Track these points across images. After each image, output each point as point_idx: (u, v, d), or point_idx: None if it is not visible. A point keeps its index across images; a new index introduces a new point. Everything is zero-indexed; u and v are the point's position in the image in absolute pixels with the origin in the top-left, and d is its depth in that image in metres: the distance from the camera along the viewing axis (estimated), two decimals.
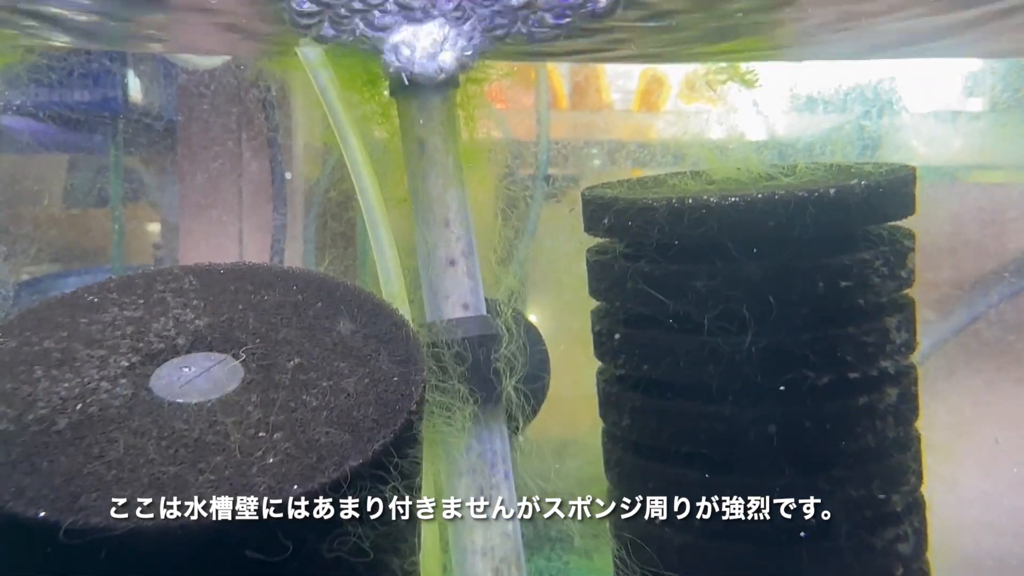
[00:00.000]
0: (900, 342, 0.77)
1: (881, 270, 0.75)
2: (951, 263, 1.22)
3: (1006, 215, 1.22)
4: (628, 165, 1.48)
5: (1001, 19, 0.85)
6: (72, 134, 1.45)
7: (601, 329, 0.87)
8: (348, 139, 1.01)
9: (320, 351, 0.64)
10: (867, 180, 0.75)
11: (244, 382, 0.61)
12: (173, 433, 0.55)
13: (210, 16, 0.82)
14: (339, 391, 0.60)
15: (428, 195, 0.96)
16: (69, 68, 1.25)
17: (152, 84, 1.38)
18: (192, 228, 1.45)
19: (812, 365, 0.74)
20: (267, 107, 1.35)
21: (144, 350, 0.62)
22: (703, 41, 0.99)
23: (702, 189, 0.82)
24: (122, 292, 0.67)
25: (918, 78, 1.40)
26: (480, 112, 1.09)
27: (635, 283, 0.80)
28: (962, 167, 1.43)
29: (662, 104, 1.69)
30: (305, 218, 1.48)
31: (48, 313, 0.64)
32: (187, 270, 0.70)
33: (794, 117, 1.40)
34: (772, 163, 0.89)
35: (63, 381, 0.58)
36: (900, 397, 0.77)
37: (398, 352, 0.65)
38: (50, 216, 1.48)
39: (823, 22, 0.94)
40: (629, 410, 0.84)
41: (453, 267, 0.97)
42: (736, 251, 0.75)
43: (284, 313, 0.67)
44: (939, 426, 0.84)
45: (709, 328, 0.76)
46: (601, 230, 0.85)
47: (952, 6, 0.80)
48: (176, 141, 1.41)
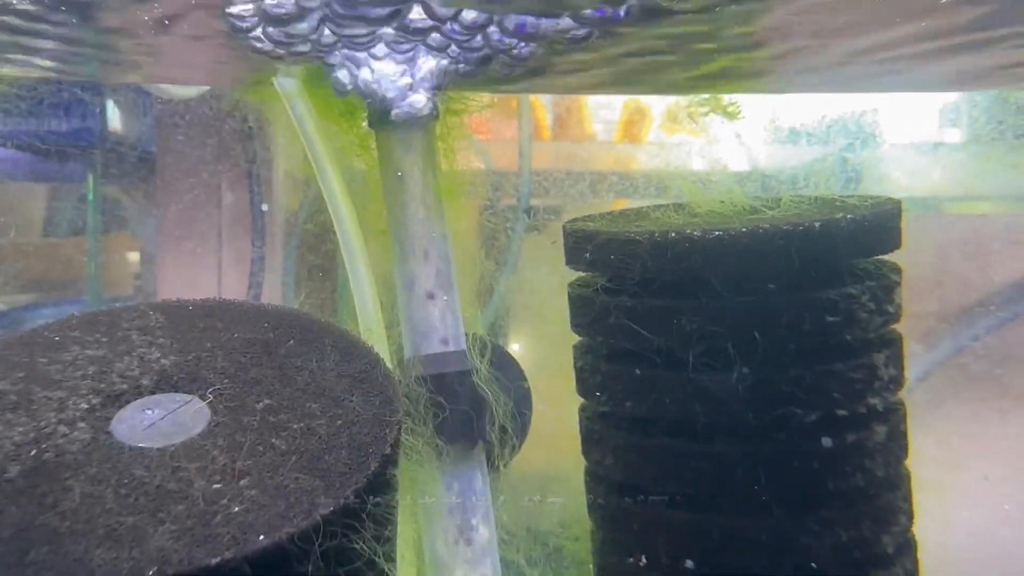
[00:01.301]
0: (888, 378, 0.75)
1: (868, 305, 0.74)
2: (937, 295, 1.21)
3: (991, 246, 1.21)
4: (611, 196, 1.47)
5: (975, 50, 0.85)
6: (51, 164, 1.42)
7: (583, 365, 0.85)
8: (326, 170, 0.99)
9: (291, 391, 0.62)
10: (853, 214, 0.74)
11: (210, 425, 0.58)
12: (133, 480, 0.53)
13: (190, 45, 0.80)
14: (310, 434, 0.58)
15: (407, 227, 0.94)
16: (40, 97, 1.23)
17: (128, 114, 1.36)
18: (169, 260, 1.42)
19: (799, 402, 0.72)
20: (245, 137, 1.33)
21: (106, 391, 0.60)
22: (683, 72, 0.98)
23: (685, 222, 0.81)
24: (84, 330, 0.65)
25: (895, 110, 1.40)
26: (462, 143, 1.08)
27: (618, 318, 0.78)
28: (945, 198, 1.43)
29: (644, 135, 1.69)
30: (284, 250, 1.46)
31: (5, 352, 0.61)
32: (154, 307, 0.68)
33: (775, 148, 1.40)
34: (755, 195, 0.88)
35: (17, 425, 0.56)
36: (889, 435, 0.75)
37: (373, 392, 0.63)
38: (24, 246, 1.46)
39: (797, 66, 0.93)
40: (612, 448, 0.81)
41: (432, 301, 0.95)
42: (720, 286, 0.73)
43: (254, 351, 0.65)
44: (927, 460, 0.82)
45: (694, 364, 0.74)
46: (583, 263, 0.83)
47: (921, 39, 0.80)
48: (153, 171, 1.39)
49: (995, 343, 1.23)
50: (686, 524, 0.76)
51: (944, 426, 1.21)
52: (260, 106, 1.29)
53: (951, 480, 0.95)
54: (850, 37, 0.80)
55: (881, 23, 0.76)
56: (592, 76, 0.99)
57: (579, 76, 0.99)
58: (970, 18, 0.72)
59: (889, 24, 0.74)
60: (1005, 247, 1.21)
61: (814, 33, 0.80)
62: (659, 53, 0.86)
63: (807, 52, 0.87)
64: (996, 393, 1.32)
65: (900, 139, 1.44)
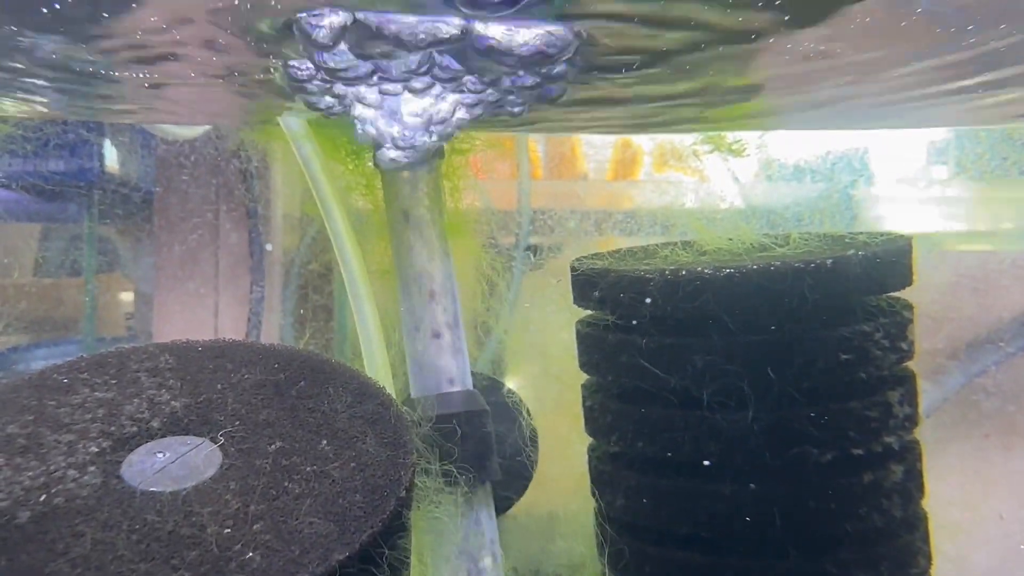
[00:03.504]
0: (903, 416, 0.75)
1: (882, 342, 0.73)
2: (945, 332, 1.21)
3: (999, 282, 1.22)
4: (615, 234, 1.47)
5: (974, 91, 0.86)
6: (46, 204, 1.42)
7: (593, 404, 0.84)
8: (331, 210, 0.99)
9: (303, 433, 0.61)
10: (864, 250, 0.74)
11: (222, 468, 0.57)
12: (145, 526, 0.52)
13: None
14: (324, 477, 0.57)
15: (413, 267, 0.94)
16: (45, 139, 1.23)
17: (130, 154, 1.36)
18: (167, 300, 1.41)
19: (815, 441, 0.72)
20: (248, 177, 1.33)
21: (115, 434, 0.59)
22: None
23: (695, 260, 0.81)
24: (94, 372, 0.64)
25: (884, 146, 1.41)
26: (464, 182, 1.08)
27: (629, 357, 0.78)
28: (944, 234, 1.43)
29: (636, 173, 1.70)
30: (283, 289, 1.45)
31: (13, 396, 0.60)
32: (163, 348, 0.67)
33: (772, 185, 1.40)
34: (764, 233, 0.88)
35: (27, 470, 0.54)
36: (906, 474, 0.74)
37: (386, 434, 0.62)
38: (21, 286, 1.45)
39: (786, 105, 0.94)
40: (624, 489, 0.80)
41: (438, 340, 0.95)
42: (733, 324, 0.73)
43: (265, 393, 0.64)
44: (938, 499, 0.81)
45: (707, 403, 0.73)
46: (592, 302, 0.83)
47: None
48: (153, 212, 1.39)
49: (1003, 379, 1.23)
50: (701, 567, 0.75)
51: (951, 463, 1.20)
52: (264, 146, 1.30)
53: (965, 519, 0.94)
54: (853, 78, 0.81)
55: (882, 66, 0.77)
56: (603, 119, 1.00)
57: (588, 117, 0.99)
58: (977, 53, 0.73)
59: (897, 64, 0.75)
60: (1013, 283, 1.21)
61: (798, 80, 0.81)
62: (669, 99, 0.87)
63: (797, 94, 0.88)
64: (1002, 429, 1.31)
65: (891, 175, 1.45)
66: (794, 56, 0.71)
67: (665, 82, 0.79)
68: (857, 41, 0.68)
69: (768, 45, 0.67)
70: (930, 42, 0.68)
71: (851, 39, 0.67)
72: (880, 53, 0.72)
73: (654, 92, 0.84)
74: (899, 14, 0.62)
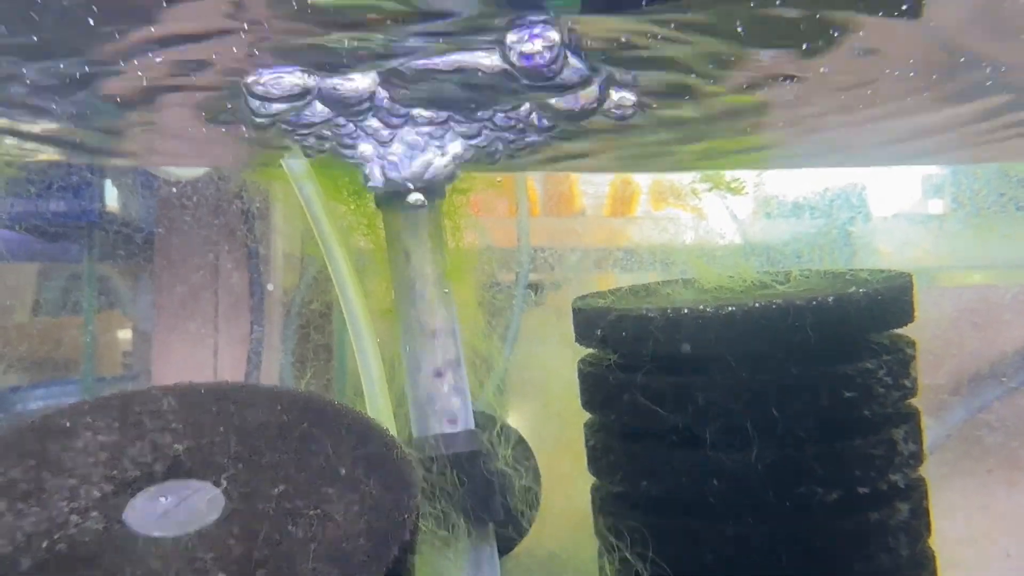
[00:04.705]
0: (908, 454, 0.74)
1: (885, 379, 0.73)
2: (947, 368, 1.21)
3: (1001, 317, 1.22)
4: (615, 271, 1.48)
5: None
6: (48, 244, 1.42)
7: (596, 443, 0.84)
8: (333, 250, 0.99)
9: (307, 476, 0.60)
10: (866, 288, 0.74)
11: (225, 512, 0.57)
12: (148, 572, 0.51)
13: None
14: (327, 520, 0.57)
15: (415, 306, 0.94)
16: (48, 181, 1.24)
17: (132, 195, 1.37)
18: (168, 340, 1.41)
19: (820, 480, 0.71)
20: (249, 218, 1.34)
21: (118, 478, 0.58)
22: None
23: (697, 298, 0.81)
24: (96, 415, 0.64)
25: (880, 180, 1.42)
26: (464, 222, 1.08)
27: (632, 396, 0.78)
28: (940, 268, 1.44)
29: (633, 209, 1.70)
30: (284, 329, 1.45)
31: (16, 440, 0.60)
32: (166, 390, 0.67)
33: (770, 222, 1.41)
34: (764, 270, 0.88)
35: (29, 515, 0.54)
36: (912, 512, 0.73)
37: (389, 476, 0.61)
38: (19, 326, 1.44)
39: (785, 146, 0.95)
40: (629, 531, 0.80)
41: (440, 379, 0.95)
42: (736, 362, 0.73)
43: (268, 435, 0.64)
44: (943, 535, 0.81)
45: (711, 442, 0.73)
46: (594, 341, 0.83)
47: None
48: (154, 252, 1.39)
49: (1006, 413, 1.23)
50: None
51: (956, 500, 1.20)
52: (265, 186, 1.30)
53: (971, 556, 0.93)
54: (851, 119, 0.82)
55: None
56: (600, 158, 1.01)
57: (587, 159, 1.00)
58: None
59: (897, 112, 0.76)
60: (1014, 317, 1.22)
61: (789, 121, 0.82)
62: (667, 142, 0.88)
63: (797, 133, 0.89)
64: (1005, 464, 1.30)
65: (887, 210, 1.46)
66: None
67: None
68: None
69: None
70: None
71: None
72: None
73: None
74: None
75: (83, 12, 0.51)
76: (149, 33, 0.55)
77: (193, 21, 0.53)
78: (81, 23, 0.52)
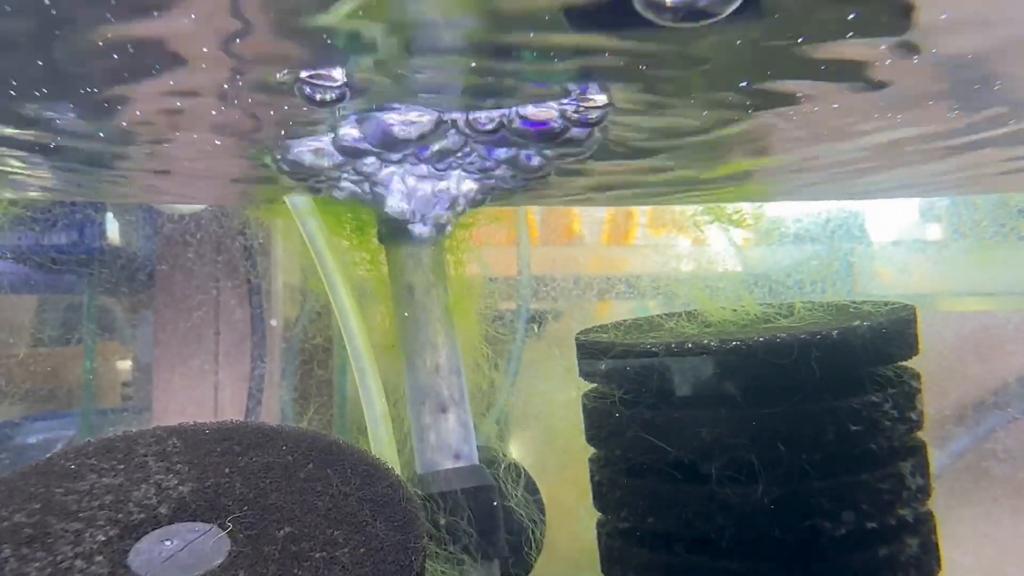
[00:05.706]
0: (916, 488, 0.74)
1: (891, 413, 0.73)
2: (952, 397, 1.20)
3: (1004, 347, 1.22)
4: (616, 300, 1.47)
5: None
6: (50, 278, 1.42)
7: (601, 479, 0.83)
8: (336, 286, 0.99)
9: (312, 517, 0.60)
10: (870, 321, 0.74)
11: (231, 555, 0.56)
12: None
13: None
14: (333, 563, 0.56)
15: (418, 341, 0.94)
16: (53, 219, 1.24)
17: (134, 231, 1.38)
18: (169, 377, 1.40)
19: (827, 515, 0.71)
20: (251, 254, 1.34)
21: (123, 521, 0.58)
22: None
23: (700, 332, 0.81)
24: (101, 457, 0.63)
25: (880, 210, 1.42)
26: (467, 255, 1.09)
27: (636, 431, 0.77)
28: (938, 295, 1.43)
29: (632, 236, 1.70)
30: (285, 365, 1.45)
31: (21, 483, 0.60)
32: (171, 431, 0.67)
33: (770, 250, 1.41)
34: (767, 303, 0.88)
35: (33, 560, 0.54)
36: (921, 547, 0.73)
37: (395, 516, 0.61)
38: (20, 358, 1.44)
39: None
40: (635, 566, 0.79)
41: (444, 415, 0.94)
42: (741, 397, 0.73)
43: (273, 476, 0.63)
44: (959, 569, 0.80)
45: (717, 477, 0.73)
46: (598, 376, 0.83)
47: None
48: (156, 288, 1.39)
49: (1011, 443, 1.22)
50: None
51: (964, 531, 1.19)
52: (267, 222, 1.31)
53: None
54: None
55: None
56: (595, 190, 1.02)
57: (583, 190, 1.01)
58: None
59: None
60: (1017, 346, 1.21)
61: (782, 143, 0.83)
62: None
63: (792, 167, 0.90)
64: (1011, 492, 1.30)
65: (883, 237, 1.46)
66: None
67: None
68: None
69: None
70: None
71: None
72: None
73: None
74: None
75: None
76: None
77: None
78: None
